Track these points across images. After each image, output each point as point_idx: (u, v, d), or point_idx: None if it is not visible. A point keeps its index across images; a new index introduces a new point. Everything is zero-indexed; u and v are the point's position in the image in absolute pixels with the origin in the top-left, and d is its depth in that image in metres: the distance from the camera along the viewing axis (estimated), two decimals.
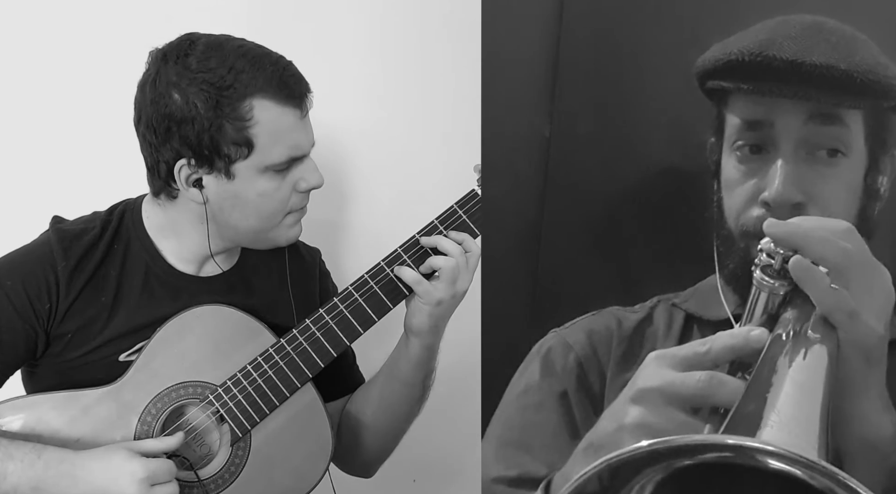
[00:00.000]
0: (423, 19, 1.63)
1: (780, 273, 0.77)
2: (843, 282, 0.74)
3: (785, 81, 0.90)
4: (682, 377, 0.71)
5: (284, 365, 1.20)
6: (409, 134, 1.66)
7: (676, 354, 0.74)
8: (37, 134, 1.52)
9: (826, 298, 0.74)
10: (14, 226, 1.28)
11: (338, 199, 1.65)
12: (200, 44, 1.14)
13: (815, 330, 0.74)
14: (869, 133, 0.94)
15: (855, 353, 0.75)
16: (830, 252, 0.75)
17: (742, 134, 0.96)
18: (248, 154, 1.14)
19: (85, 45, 1.51)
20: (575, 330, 1.08)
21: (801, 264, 0.74)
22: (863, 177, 0.95)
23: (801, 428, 0.63)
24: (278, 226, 1.21)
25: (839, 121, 0.92)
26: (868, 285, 0.75)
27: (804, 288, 0.75)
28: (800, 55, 0.90)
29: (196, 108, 1.12)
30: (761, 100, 0.93)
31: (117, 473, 1.10)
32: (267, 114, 1.13)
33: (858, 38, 0.94)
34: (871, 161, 0.95)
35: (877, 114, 0.94)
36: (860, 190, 0.95)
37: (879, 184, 0.96)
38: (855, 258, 0.75)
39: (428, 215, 1.22)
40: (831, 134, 0.92)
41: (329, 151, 1.27)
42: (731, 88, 0.96)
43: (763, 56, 0.91)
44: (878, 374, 0.78)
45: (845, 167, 0.93)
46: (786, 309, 0.79)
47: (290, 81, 1.15)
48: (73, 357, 1.20)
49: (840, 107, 0.91)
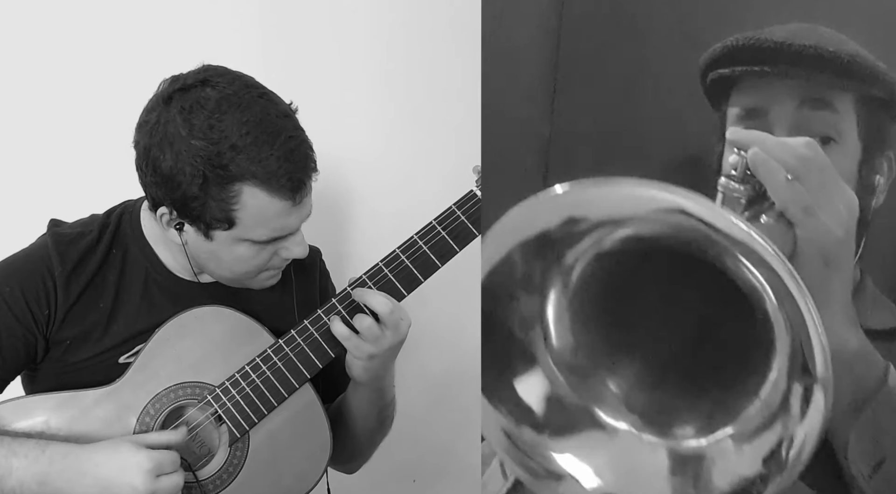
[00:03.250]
0: (424, 19, 1.62)
1: (744, 178, 0.81)
2: (801, 182, 0.77)
3: (775, 62, 0.94)
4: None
5: (283, 365, 1.20)
6: (408, 135, 1.66)
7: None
8: (34, 136, 1.52)
9: (781, 190, 0.77)
10: (11, 230, 1.28)
11: (337, 200, 1.65)
12: (211, 101, 1.07)
13: (770, 218, 0.78)
14: (862, 125, 0.96)
15: (812, 252, 0.77)
16: (788, 154, 0.78)
17: (740, 123, 0.99)
18: (229, 228, 1.12)
19: (83, 47, 1.51)
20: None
21: (758, 156, 0.78)
22: (857, 168, 0.97)
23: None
24: (254, 279, 1.21)
25: (830, 106, 0.95)
26: (826, 190, 0.78)
27: (760, 178, 0.78)
28: (789, 38, 0.94)
29: (184, 176, 1.08)
30: (757, 86, 0.97)
31: (123, 465, 1.10)
32: (255, 202, 1.09)
33: (853, 42, 0.96)
34: (864, 154, 0.97)
35: (872, 108, 0.96)
36: (854, 180, 0.96)
37: (875, 181, 0.98)
38: (812, 162, 0.78)
39: (427, 215, 1.21)
40: (823, 119, 0.95)
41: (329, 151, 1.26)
42: (727, 74, 0.99)
43: (755, 39, 0.95)
44: (840, 283, 0.80)
45: (838, 154, 0.95)
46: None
47: (291, 170, 1.09)
48: (73, 361, 1.20)
49: (829, 88, 0.94)
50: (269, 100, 1.11)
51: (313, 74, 1.18)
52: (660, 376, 0.78)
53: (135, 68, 1.17)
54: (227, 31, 1.53)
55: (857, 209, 0.80)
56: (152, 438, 1.15)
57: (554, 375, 0.78)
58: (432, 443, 1.49)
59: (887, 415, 0.80)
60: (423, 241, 1.20)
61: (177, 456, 1.14)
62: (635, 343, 0.78)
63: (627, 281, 0.75)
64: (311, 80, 1.18)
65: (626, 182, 0.68)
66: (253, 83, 1.12)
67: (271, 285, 1.24)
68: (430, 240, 1.20)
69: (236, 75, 1.12)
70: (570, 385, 0.77)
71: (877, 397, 0.80)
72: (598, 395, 0.78)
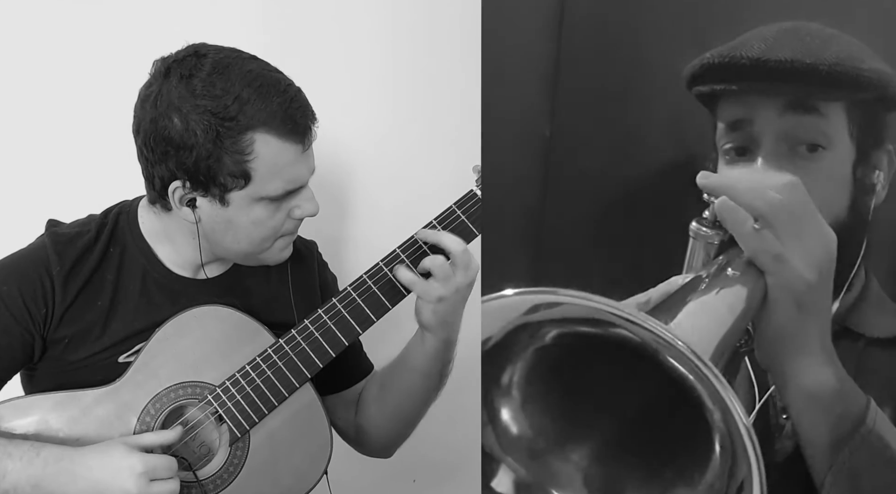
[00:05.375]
0: (423, 20, 1.62)
1: (715, 223, 0.82)
2: (770, 228, 0.77)
3: (753, 79, 0.93)
4: (622, 305, 0.76)
5: (283, 365, 1.20)
6: (409, 135, 1.66)
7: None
8: (32, 137, 1.52)
9: (749, 239, 0.77)
10: (9, 230, 1.28)
11: (337, 200, 1.65)
12: (207, 63, 1.10)
13: (737, 269, 0.78)
14: (855, 126, 0.95)
15: (784, 298, 0.77)
16: (755, 199, 0.78)
17: (727, 136, 0.98)
18: (245, 185, 1.12)
19: (82, 46, 1.51)
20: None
21: (725, 205, 0.78)
22: (851, 170, 0.96)
23: (683, 333, 0.66)
24: (269, 249, 1.21)
25: (815, 110, 0.93)
26: (797, 232, 0.78)
27: (728, 228, 0.79)
28: (765, 53, 0.92)
29: (196, 137, 1.09)
30: (739, 100, 0.96)
31: (116, 468, 1.10)
32: (267, 149, 1.11)
33: (839, 37, 0.95)
34: (859, 154, 0.96)
35: (864, 108, 0.95)
36: (849, 183, 0.95)
37: (875, 178, 0.97)
38: (782, 206, 0.78)
39: (427, 216, 1.21)
40: (809, 125, 0.93)
41: (328, 152, 1.26)
42: (707, 92, 0.99)
43: (730, 57, 0.94)
44: (816, 325, 0.79)
45: (829, 160, 0.94)
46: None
47: (296, 115, 1.12)
48: (71, 360, 1.20)
49: (810, 100, 0.93)
50: (260, 60, 1.14)
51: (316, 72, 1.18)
52: (615, 452, 0.78)
53: (135, 68, 1.16)
54: (231, 27, 1.52)
55: (833, 245, 0.79)
56: (146, 439, 1.15)
57: (515, 465, 0.79)
58: (432, 443, 1.49)
59: (864, 456, 0.80)
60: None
61: (173, 462, 1.13)
62: (590, 422, 0.79)
63: (574, 366, 0.76)
64: (314, 78, 1.18)
65: (563, 292, 0.69)
66: (240, 50, 1.15)
67: (285, 257, 1.24)
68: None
69: (223, 45, 1.15)
70: (529, 470, 0.79)
71: (854, 437, 0.80)
72: (557, 475, 0.79)
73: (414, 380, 1.27)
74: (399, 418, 1.31)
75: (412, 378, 1.27)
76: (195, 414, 1.20)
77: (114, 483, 1.09)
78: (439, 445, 1.66)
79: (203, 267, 1.24)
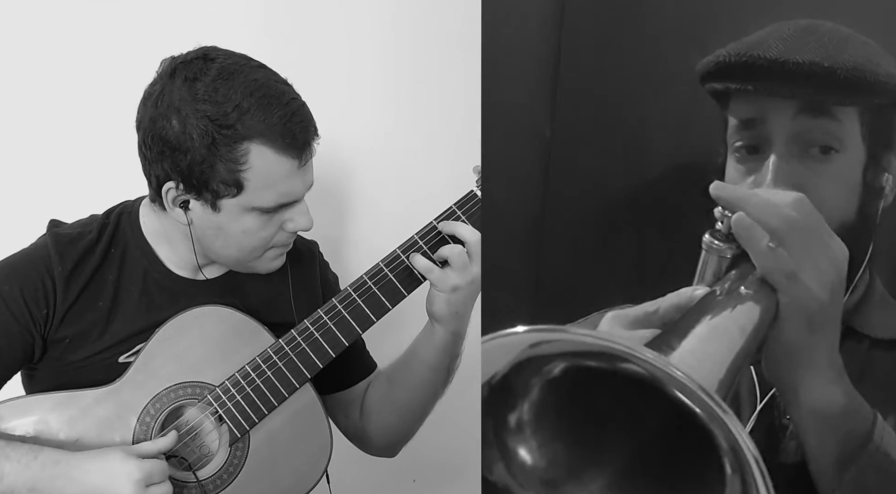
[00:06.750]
0: (424, 20, 1.62)
1: (728, 236, 0.80)
2: (784, 246, 0.76)
3: (769, 80, 0.92)
4: (629, 335, 0.76)
5: (283, 365, 1.20)
6: (409, 135, 1.66)
7: (629, 314, 0.78)
8: (34, 137, 1.52)
9: (764, 257, 0.76)
10: (11, 230, 1.28)
11: (338, 200, 1.65)
12: (213, 68, 1.10)
13: (750, 287, 0.77)
14: (867, 130, 0.94)
15: (795, 317, 0.77)
16: (770, 215, 0.77)
17: (739, 134, 0.97)
18: (237, 194, 1.12)
19: (82, 46, 1.51)
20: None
21: (742, 221, 0.77)
22: (861, 174, 0.95)
23: (694, 359, 0.65)
24: (259, 258, 1.21)
25: (829, 114, 0.92)
26: (811, 251, 0.77)
27: (743, 244, 0.78)
28: (784, 54, 0.91)
29: (192, 140, 1.09)
30: (753, 99, 0.94)
31: (113, 474, 1.10)
32: (262, 161, 1.11)
33: (854, 38, 0.94)
34: (870, 157, 0.95)
35: (878, 112, 0.94)
36: (859, 186, 0.94)
37: (884, 181, 0.96)
38: (796, 224, 0.77)
39: (427, 216, 1.21)
40: (822, 128, 0.92)
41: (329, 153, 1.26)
42: (722, 90, 0.97)
43: (748, 56, 0.92)
44: (825, 343, 0.79)
45: (840, 163, 0.93)
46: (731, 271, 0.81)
47: (296, 129, 1.11)
48: (72, 360, 1.20)
49: (825, 104, 0.92)
50: (268, 70, 1.14)
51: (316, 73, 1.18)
52: (630, 480, 0.78)
53: (136, 69, 1.16)
54: (234, 27, 1.53)
55: (845, 263, 0.79)
56: (144, 448, 1.15)
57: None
58: (432, 443, 1.49)
59: (871, 475, 0.79)
60: (424, 241, 1.20)
61: (166, 465, 1.14)
62: (604, 449, 0.78)
63: (584, 397, 0.76)
64: (314, 79, 1.18)
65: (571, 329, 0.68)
66: (251, 58, 1.15)
67: (277, 267, 1.24)
68: (430, 240, 1.20)
69: (234, 51, 1.15)
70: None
71: (861, 455, 0.79)
72: None
73: (422, 374, 1.27)
74: (406, 413, 1.31)
75: (421, 371, 1.27)
76: (195, 415, 1.20)
77: (111, 489, 1.10)
78: (439, 445, 1.66)
79: (201, 269, 1.24)
